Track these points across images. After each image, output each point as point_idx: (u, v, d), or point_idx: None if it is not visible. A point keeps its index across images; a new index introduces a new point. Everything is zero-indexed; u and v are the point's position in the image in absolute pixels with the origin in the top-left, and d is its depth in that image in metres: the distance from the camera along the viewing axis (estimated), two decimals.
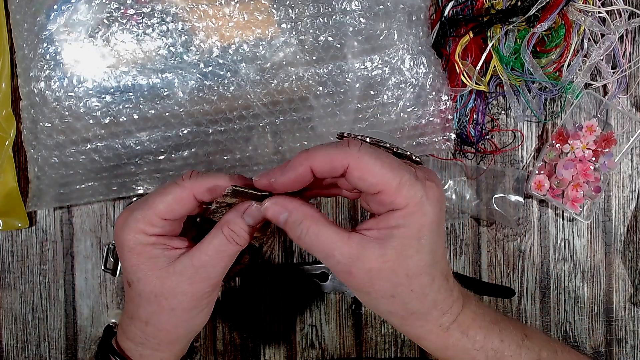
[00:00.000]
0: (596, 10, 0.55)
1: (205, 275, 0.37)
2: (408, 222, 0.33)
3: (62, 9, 0.50)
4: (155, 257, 0.37)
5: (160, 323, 0.39)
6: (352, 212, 0.58)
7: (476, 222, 0.59)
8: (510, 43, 0.54)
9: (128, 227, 0.37)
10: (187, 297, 0.38)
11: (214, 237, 0.37)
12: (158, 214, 0.37)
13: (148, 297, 0.38)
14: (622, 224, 0.60)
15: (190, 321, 0.39)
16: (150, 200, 0.37)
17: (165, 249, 0.38)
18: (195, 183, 0.37)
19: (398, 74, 0.53)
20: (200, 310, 0.39)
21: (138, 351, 0.40)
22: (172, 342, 0.40)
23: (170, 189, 0.37)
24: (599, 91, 0.59)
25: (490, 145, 0.59)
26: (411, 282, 0.34)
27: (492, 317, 0.39)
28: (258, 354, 0.58)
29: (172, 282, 0.37)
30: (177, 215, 0.37)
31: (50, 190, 0.54)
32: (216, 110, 0.52)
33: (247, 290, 0.58)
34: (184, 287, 0.37)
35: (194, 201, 0.37)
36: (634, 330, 0.60)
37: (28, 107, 0.52)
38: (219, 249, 0.37)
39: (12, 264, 0.57)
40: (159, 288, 0.37)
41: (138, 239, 0.37)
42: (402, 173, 0.33)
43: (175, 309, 0.38)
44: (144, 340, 0.40)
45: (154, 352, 0.40)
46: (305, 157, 0.33)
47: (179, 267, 0.37)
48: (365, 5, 0.51)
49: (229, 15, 0.50)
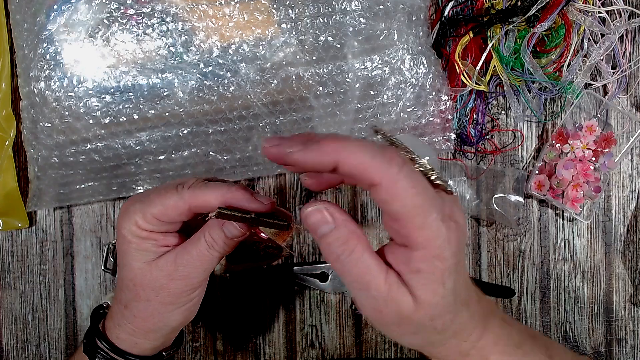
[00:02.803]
0: (596, 10, 0.55)
1: (184, 274, 0.38)
2: (430, 268, 0.31)
3: (62, 9, 0.50)
4: (144, 250, 0.38)
5: (137, 310, 0.40)
6: (352, 212, 0.58)
7: (476, 222, 0.59)
8: (510, 43, 0.54)
9: (127, 215, 0.38)
10: (163, 291, 0.39)
11: (198, 240, 0.38)
12: (152, 214, 0.37)
13: (128, 285, 0.39)
14: (622, 224, 0.60)
15: (166, 315, 0.40)
16: (151, 198, 0.38)
17: (155, 244, 0.39)
18: (192, 196, 0.37)
19: (398, 74, 0.53)
20: (177, 307, 0.40)
21: (115, 332, 0.41)
22: (148, 331, 0.41)
23: (169, 194, 0.37)
24: (599, 91, 0.59)
25: (490, 145, 0.59)
26: (434, 322, 0.33)
27: (516, 339, 0.38)
28: (258, 354, 0.58)
29: (152, 275, 0.38)
30: (171, 219, 0.38)
31: (50, 190, 0.54)
32: (216, 110, 0.52)
33: (247, 290, 0.58)
34: (162, 281, 0.38)
35: (189, 212, 0.37)
36: (634, 330, 0.60)
37: (28, 107, 0.52)
38: (201, 252, 0.38)
39: (12, 264, 0.57)
40: (139, 278, 0.39)
41: (131, 230, 0.38)
42: (431, 211, 0.29)
43: (151, 301, 0.39)
44: (122, 323, 0.41)
45: (129, 336, 0.41)
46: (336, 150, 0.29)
47: (161, 262, 0.38)
48: (365, 5, 0.51)
49: (229, 15, 0.50)
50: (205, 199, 0.37)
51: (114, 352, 0.41)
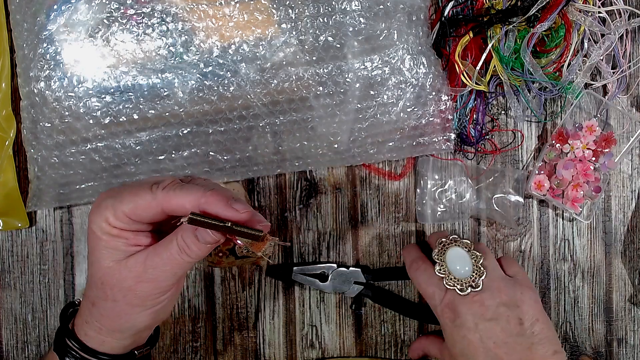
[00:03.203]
0: (596, 10, 0.55)
1: (153, 277, 0.37)
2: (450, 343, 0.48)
3: (62, 9, 0.50)
4: (114, 248, 0.37)
5: (104, 309, 0.39)
6: (352, 212, 0.58)
7: (476, 222, 0.59)
8: (510, 43, 0.54)
9: (98, 210, 0.36)
10: (131, 293, 0.37)
11: (169, 242, 0.37)
12: (123, 212, 0.36)
13: (96, 283, 0.38)
14: (622, 224, 0.60)
15: (133, 317, 0.39)
16: (123, 194, 0.36)
17: (126, 243, 0.37)
18: (166, 198, 0.35)
19: (398, 74, 0.53)
20: (144, 310, 0.39)
21: (84, 329, 0.40)
22: (114, 330, 0.40)
23: (143, 192, 0.36)
24: (599, 91, 0.59)
25: (490, 145, 0.59)
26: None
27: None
28: (258, 354, 0.58)
29: (121, 275, 0.37)
30: (143, 219, 0.37)
31: (50, 190, 0.54)
32: (216, 110, 0.52)
33: (247, 290, 0.58)
34: (130, 283, 0.37)
35: (162, 213, 0.36)
36: (634, 330, 0.60)
37: (28, 107, 0.52)
38: (172, 256, 0.37)
39: (12, 264, 0.57)
40: (107, 277, 0.37)
41: (101, 227, 0.36)
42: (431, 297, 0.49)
43: (117, 301, 0.38)
44: (89, 320, 0.40)
45: (96, 334, 0.40)
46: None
47: (130, 262, 0.37)
48: (365, 5, 0.51)
49: (229, 15, 0.50)
50: (179, 202, 0.35)
51: (83, 351, 0.40)
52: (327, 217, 0.58)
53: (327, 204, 0.58)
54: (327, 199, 0.58)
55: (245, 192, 0.57)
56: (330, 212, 0.58)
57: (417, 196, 0.58)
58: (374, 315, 0.59)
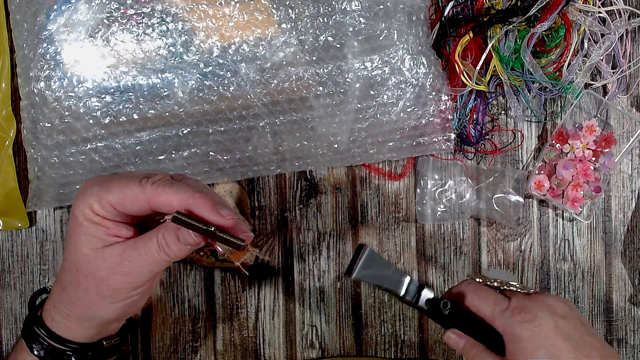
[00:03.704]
0: (596, 10, 0.55)
1: (128, 271, 0.37)
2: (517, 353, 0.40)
3: (62, 9, 0.50)
4: (94, 235, 0.37)
5: (74, 296, 0.38)
6: (352, 212, 0.58)
7: (476, 222, 0.59)
8: (510, 43, 0.54)
9: (83, 196, 0.36)
10: (103, 283, 0.37)
11: (149, 239, 0.36)
12: (109, 201, 0.35)
13: (70, 268, 0.38)
14: (622, 224, 0.60)
15: (102, 307, 0.38)
16: (111, 184, 0.36)
17: (106, 232, 0.37)
18: (154, 193, 0.35)
19: (398, 74, 0.53)
20: (114, 302, 0.38)
21: (51, 314, 0.40)
22: (82, 319, 0.39)
23: (131, 184, 0.35)
24: (599, 91, 0.59)
25: (490, 145, 0.59)
26: None
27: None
28: (258, 354, 0.58)
29: (95, 265, 0.37)
30: (128, 211, 0.36)
31: (50, 190, 0.54)
32: (216, 110, 0.52)
33: (247, 290, 0.58)
34: (103, 273, 0.37)
35: (149, 208, 0.36)
36: (634, 330, 0.60)
37: (28, 107, 0.52)
38: (150, 252, 0.36)
39: (12, 264, 0.57)
40: (82, 264, 0.37)
41: (84, 213, 0.36)
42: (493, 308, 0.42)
43: (89, 290, 0.37)
44: (57, 304, 0.39)
45: (63, 319, 0.39)
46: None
47: (107, 252, 0.37)
48: (365, 5, 0.51)
49: (229, 15, 0.50)
50: (167, 199, 0.35)
51: (51, 339, 0.39)
52: (327, 217, 0.58)
53: (327, 204, 0.58)
54: (327, 199, 0.58)
55: (246, 192, 0.57)
56: (330, 212, 0.58)
57: (417, 196, 0.58)
58: (374, 315, 0.59)
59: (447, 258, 0.59)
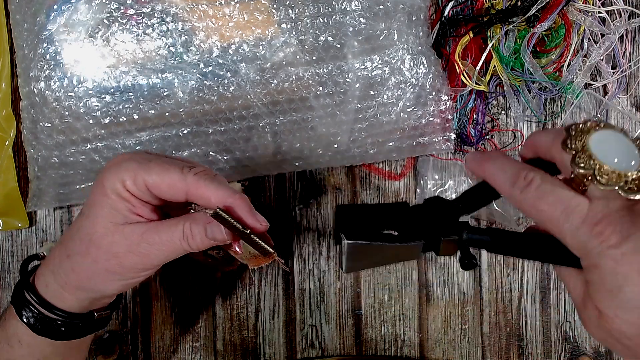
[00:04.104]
0: (596, 10, 0.55)
1: (144, 252, 0.36)
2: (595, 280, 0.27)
3: (62, 9, 0.50)
4: (117, 210, 0.36)
5: (78, 265, 0.38)
6: None
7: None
8: (510, 43, 0.54)
9: (117, 169, 0.36)
10: (115, 260, 0.37)
11: (174, 225, 0.36)
12: (146, 181, 0.35)
13: (82, 237, 0.37)
14: None
15: (105, 282, 0.38)
16: (151, 165, 0.35)
17: (130, 210, 0.36)
18: (195, 184, 0.35)
19: (398, 74, 0.53)
20: (120, 280, 0.38)
21: (46, 280, 0.39)
22: (79, 289, 0.38)
23: (173, 170, 0.35)
24: (599, 91, 0.59)
25: (490, 145, 0.59)
26: None
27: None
28: (258, 354, 0.58)
29: (112, 239, 0.36)
30: (162, 195, 0.36)
31: (50, 190, 0.54)
32: (216, 110, 0.52)
33: (247, 290, 0.58)
34: (119, 249, 0.36)
35: (184, 196, 0.36)
36: None
37: (28, 107, 0.52)
38: (172, 239, 0.36)
39: (12, 264, 0.57)
40: (98, 236, 0.36)
41: (114, 186, 0.36)
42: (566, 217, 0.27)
43: (97, 263, 0.37)
44: (56, 270, 0.38)
45: (58, 287, 0.38)
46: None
47: (128, 230, 0.36)
48: (365, 5, 0.51)
49: (229, 15, 0.50)
50: (207, 194, 0.35)
51: (41, 306, 0.38)
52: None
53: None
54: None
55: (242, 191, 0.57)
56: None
57: (417, 196, 0.58)
58: (374, 315, 0.59)
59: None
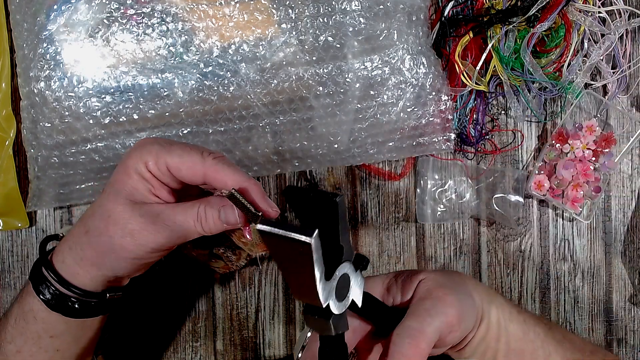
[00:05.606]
0: (596, 10, 0.55)
1: (159, 232, 0.38)
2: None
3: (62, 9, 0.50)
4: (137, 189, 0.38)
5: (95, 240, 0.39)
6: (352, 212, 0.58)
7: (476, 222, 0.59)
8: (510, 43, 0.54)
9: (142, 151, 0.37)
10: (129, 237, 0.38)
11: (189, 208, 0.38)
12: (167, 163, 0.37)
13: (102, 213, 0.39)
14: (622, 224, 0.60)
15: (117, 259, 0.39)
16: (173, 147, 0.37)
17: (150, 190, 0.38)
18: (213, 167, 0.37)
19: (398, 74, 0.53)
20: (131, 259, 0.39)
21: (63, 256, 0.40)
22: (93, 265, 0.40)
23: (193, 153, 0.37)
24: (599, 91, 0.59)
25: (490, 145, 0.59)
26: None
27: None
28: (258, 354, 0.58)
29: (129, 216, 0.38)
30: (181, 177, 0.38)
31: (50, 190, 0.54)
32: (216, 110, 0.52)
33: (247, 290, 0.58)
34: (135, 227, 0.38)
35: (202, 179, 0.37)
36: (634, 330, 0.60)
37: (28, 107, 0.52)
38: (186, 220, 0.37)
39: (12, 264, 0.57)
40: (116, 212, 0.38)
41: (137, 166, 0.37)
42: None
43: (113, 238, 0.38)
44: (74, 247, 0.40)
45: (74, 263, 0.40)
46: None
47: (145, 209, 0.38)
48: (365, 5, 0.51)
49: (229, 15, 0.50)
50: (224, 177, 0.37)
51: (58, 282, 0.40)
52: None
53: None
54: None
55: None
56: None
57: (417, 196, 0.58)
58: None
59: (447, 258, 0.59)
